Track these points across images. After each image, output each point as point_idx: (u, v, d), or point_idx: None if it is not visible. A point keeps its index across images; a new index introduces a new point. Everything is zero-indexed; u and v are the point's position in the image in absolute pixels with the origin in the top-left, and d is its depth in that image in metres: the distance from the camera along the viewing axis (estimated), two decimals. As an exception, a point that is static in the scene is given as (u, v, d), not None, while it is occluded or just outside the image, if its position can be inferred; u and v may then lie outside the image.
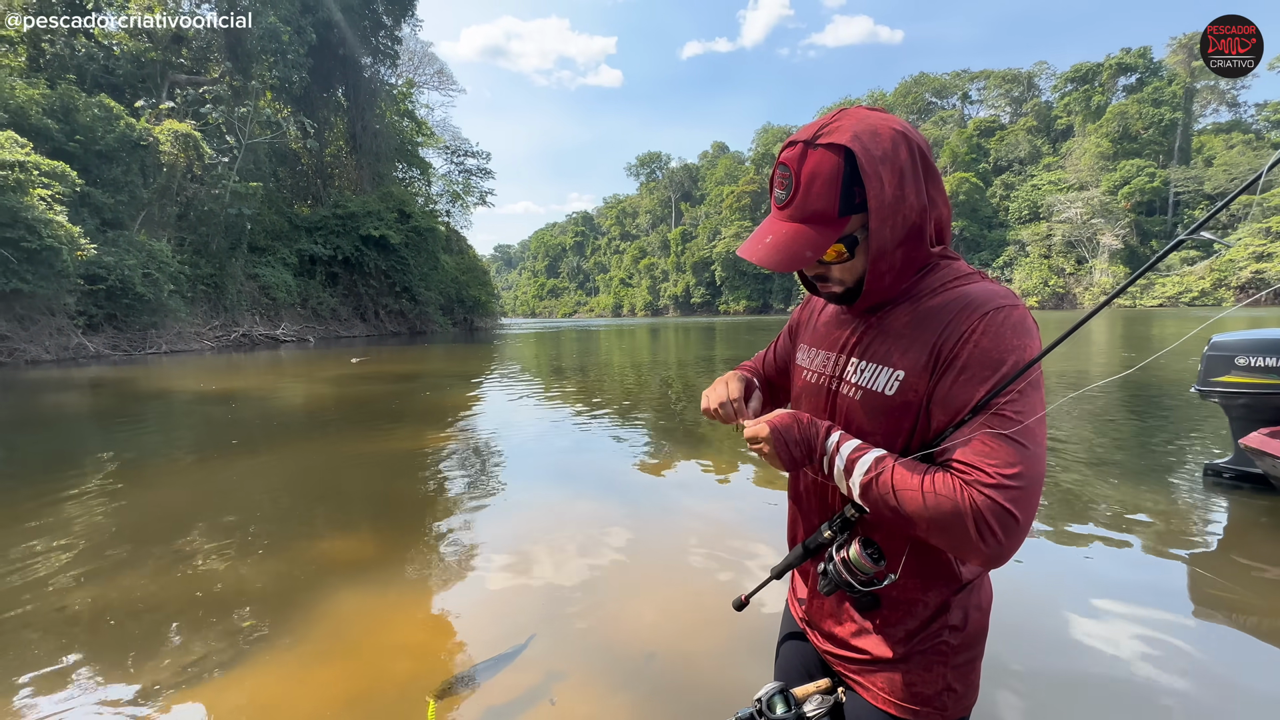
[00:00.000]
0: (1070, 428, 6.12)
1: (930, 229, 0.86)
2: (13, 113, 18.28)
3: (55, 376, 13.35)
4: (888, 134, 0.82)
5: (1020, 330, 0.78)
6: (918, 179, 0.83)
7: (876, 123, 0.83)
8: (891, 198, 0.81)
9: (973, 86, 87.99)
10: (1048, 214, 66.68)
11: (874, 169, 0.80)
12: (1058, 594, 2.74)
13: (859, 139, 0.80)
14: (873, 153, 0.80)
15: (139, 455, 5.84)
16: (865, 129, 0.81)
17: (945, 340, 0.80)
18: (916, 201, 0.83)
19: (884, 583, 0.86)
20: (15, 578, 3.06)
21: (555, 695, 2.06)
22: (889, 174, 0.81)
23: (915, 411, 0.83)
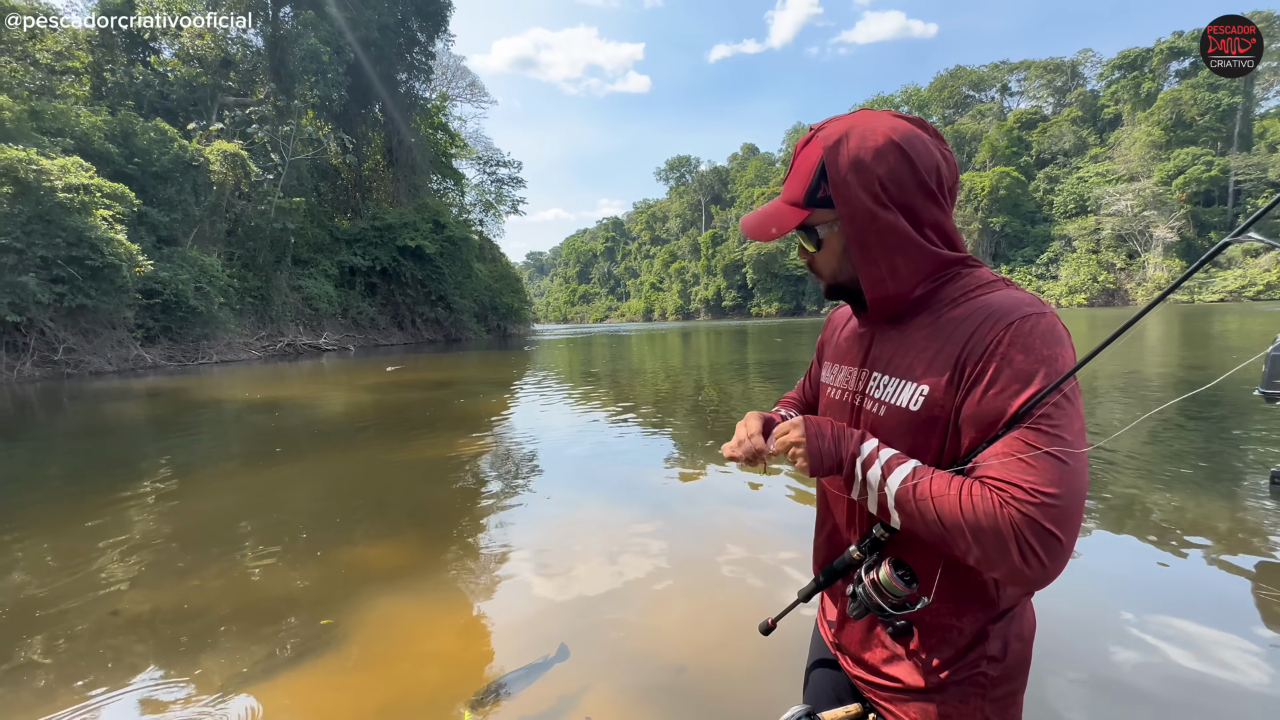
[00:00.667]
0: (1120, 428, 5.83)
1: (930, 236, 0.84)
2: (78, 139, 19.44)
3: (116, 386, 14.10)
4: (877, 143, 0.81)
5: (1050, 339, 0.75)
6: (904, 189, 0.81)
7: (879, 129, 0.82)
8: (863, 204, 0.82)
9: (1012, 78, 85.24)
10: (1095, 207, 63.87)
11: (839, 174, 0.82)
12: (1111, 611, 2.60)
13: (841, 143, 0.83)
14: (842, 158, 0.82)
15: (191, 461, 6.11)
16: (860, 133, 0.82)
17: (970, 353, 0.77)
18: (894, 213, 0.82)
19: (916, 606, 0.83)
20: (75, 579, 3.23)
21: (590, 713, 2.05)
22: (859, 180, 0.81)
23: (943, 428, 0.81)
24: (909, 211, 0.82)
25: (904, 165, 0.81)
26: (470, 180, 50.97)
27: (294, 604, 2.90)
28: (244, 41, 29.17)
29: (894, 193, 0.81)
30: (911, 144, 0.81)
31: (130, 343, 19.33)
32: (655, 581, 3.03)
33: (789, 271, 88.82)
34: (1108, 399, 7.56)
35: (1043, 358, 0.73)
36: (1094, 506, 3.81)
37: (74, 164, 17.06)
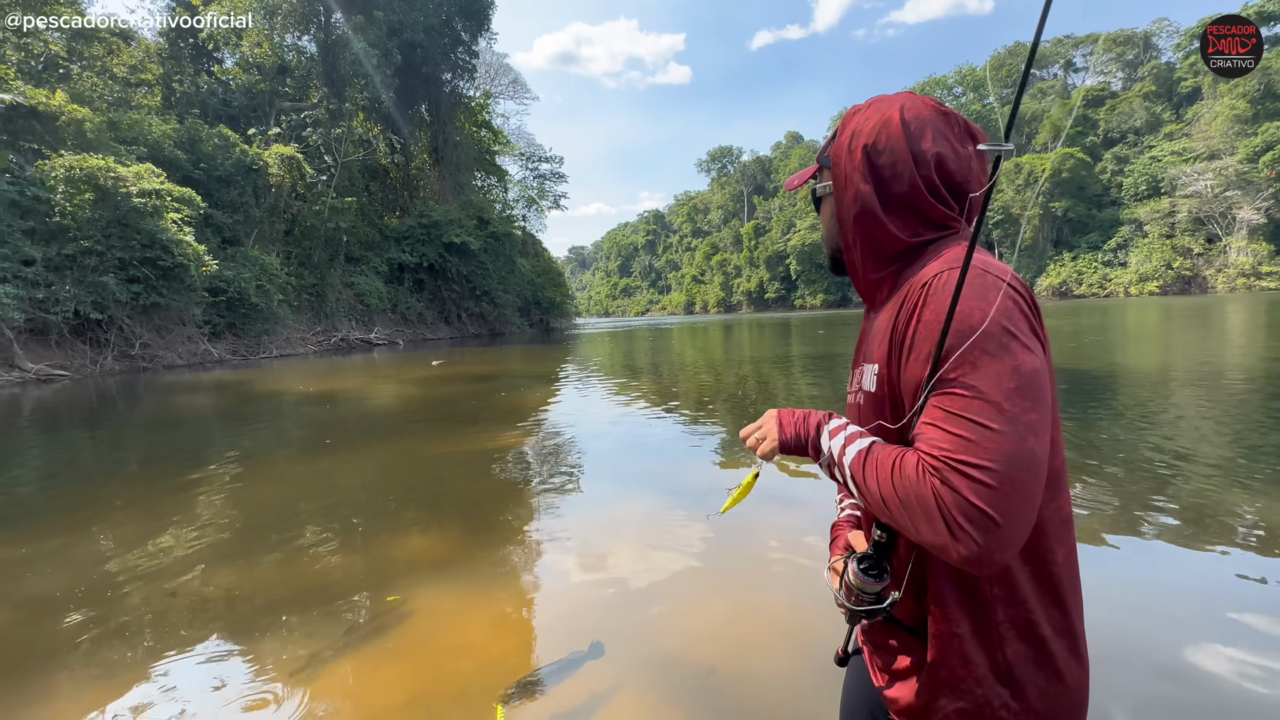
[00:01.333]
0: (1193, 428, 5.40)
1: (896, 221, 0.81)
2: (150, 146, 20.71)
3: (187, 379, 15.00)
4: (883, 114, 0.82)
5: (971, 295, 0.69)
6: (889, 166, 0.81)
7: (896, 103, 0.83)
8: (844, 168, 0.85)
9: (1077, 53, 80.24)
10: (1170, 188, 59.52)
11: (842, 135, 0.86)
12: (1185, 624, 2.40)
13: (861, 109, 0.86)
14: (851, 120, 0.85)
15: (253, 451, 6.42)
16: (881, 105, 0.85)
17: (898, 321, 0.76)
18: (869, 187, 0.82)
19: (887, 603, 0.77)
20: (142, 560, 3.42)
21: (619, 713, 2.03)
22: (852, 144, 0.84)
23: (894, 404, 0.78)
24: (882, 188, 0.81)
25: (899, 141, 0.80)
26: (513, 176, 51.79)
27: (339, 590, 2.99)
28: (299, 48, 30.39)
29: (877, 166, 0.82)
30: (918, 125, 0.80)
31: (198, 338, 20.52)
32: (692, 579, 2.98)
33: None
34: (1180, 392, 7.03)
35: (945, 313, 0.68)
36: (1163, 507, 3.54)
37: (147, 170, 18.17)
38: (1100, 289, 62.11)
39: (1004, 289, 0.68)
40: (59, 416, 9.82)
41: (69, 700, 2.20)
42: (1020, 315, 0.68)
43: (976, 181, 0.81)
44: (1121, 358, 11.04)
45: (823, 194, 0.92)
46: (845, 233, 0.87)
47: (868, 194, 0.82)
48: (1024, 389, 0.65)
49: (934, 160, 0.79)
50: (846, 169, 0.84)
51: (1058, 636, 0.72)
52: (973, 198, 0.81)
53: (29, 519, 4.36)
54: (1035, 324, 0.70)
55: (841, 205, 0.86)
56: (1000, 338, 0.66)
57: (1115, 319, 23.34)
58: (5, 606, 2.97)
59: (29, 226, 16.36)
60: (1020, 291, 0.70)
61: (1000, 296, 0.67)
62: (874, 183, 0.82)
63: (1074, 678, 0.73)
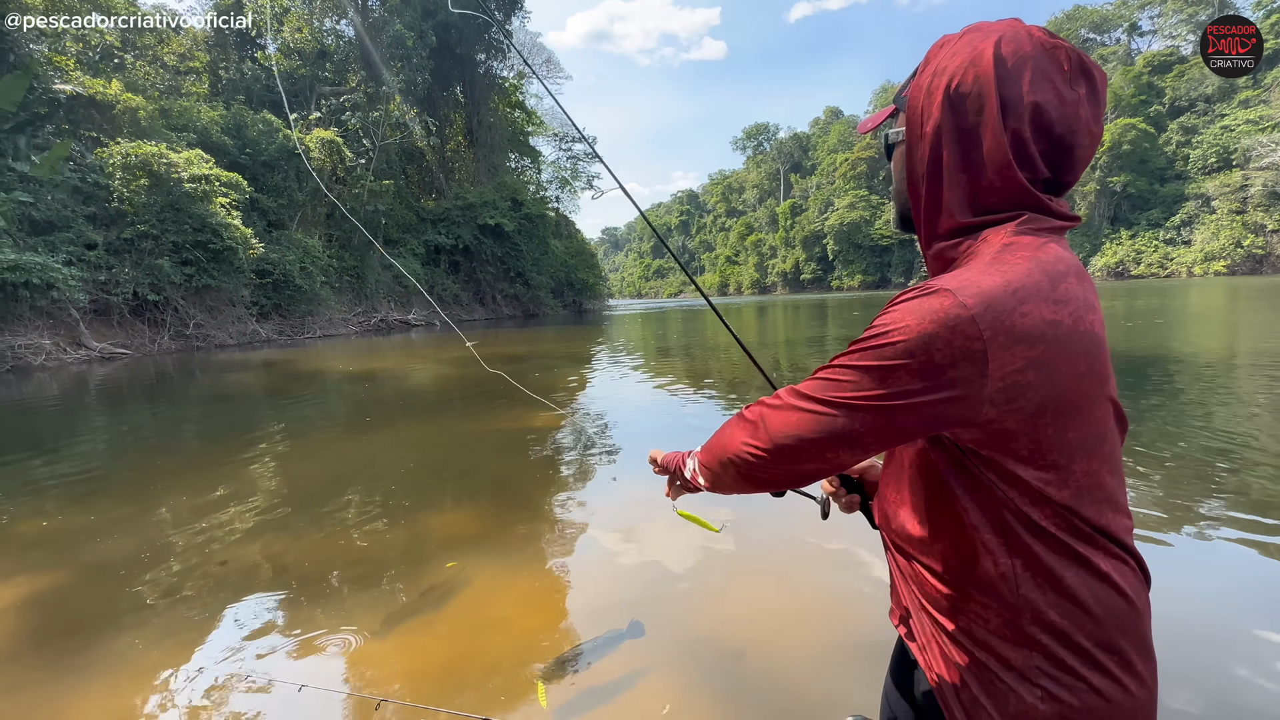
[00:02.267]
0: (1256, 415, 5.06)
1: (962, 188, 0.72)
2: (199, 133, 21.42)
3: (237, 359, 15.67)
4: (975, 47, 0.70)
5: (913, 310, 0.65)
6: (971, 111, 0.69)
7: (994, 34, 0.70)
8: (920, 108, 0.73)
9: (1143, 15, 74.91)
10: (1244, 160, 55.43)
11: (925, 72, 0.74)
12: (1238, 621, 2.27)
13: (951, 40, 0.74)
14: (937, 55, 0.73)
15: (299, 427, 6.67)
16: (975, 35, 0.72)
17: None
18: (937, 134, 0.72)
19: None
20: (199, 530, 3.61)
21: (654, 697, 2.04)
22: (934, 82, 0.72)
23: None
24: (963, 143, 0.70)
25: (988, 83, 0.68)
26: (546, 158, 51.74)
27: (379, 563, 3.09)
28: (337, 32, 30.81)
29: (959, 114, 0.70)
30: (1016, 62, 0.68)
31: (247, 319, 21.35)
32: (724, 561, 2.97)
33: (874, 242, 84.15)
34: (1248, 378, 6.60)
35: (880, 321, 0.68)
36: (1218, 502, 3.34)
37: (196, 156, 18.82)
38: (1160, 269, 58.75)
39: (952, 323, 0.62)
40: (122, 392, 10.40)
41: (132, 660, 2.34)
42: (941, 348, 0.63)
43: (1086, 134, 0.70)
44: (1180, 342, 10.43)
45: (895, 141, 0.81)
46: (916, 188, 0.77)
47: (943, 148, 0.72)
48: (877, 396, 0.67)
49: (1030, 110, 0.68)
50: (923, 114, 0.73)
51: (1097, 649, 0.68)
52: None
53: (98, 489, 4.64)
54: (957, 361, 0.63)
55: (912, 157, 0.76)
56: (894, 359, 0.65)
57: (1176, 300, 22.06)
58: (75, 569, 3.18)
59: (90, 212, 17.21)
60: (980, 333, 0.62)
61: (948, 329, 0.62)
62: (954, 135, 0.71)
63: (1114, 693, 0.68)
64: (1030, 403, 0.64)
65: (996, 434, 0.66)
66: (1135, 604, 0.70)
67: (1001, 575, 0.69)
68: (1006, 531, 0.69)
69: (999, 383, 0.63)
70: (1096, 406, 0.69)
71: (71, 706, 2.07)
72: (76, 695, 2.12)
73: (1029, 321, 0.63)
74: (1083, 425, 0.67)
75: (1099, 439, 0.70)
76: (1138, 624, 0.70)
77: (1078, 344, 0.65)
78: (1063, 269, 0.67)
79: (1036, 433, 0.66)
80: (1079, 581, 0.68)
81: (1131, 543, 0.73)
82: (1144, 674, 0.69)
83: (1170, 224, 59.45)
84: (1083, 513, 0.69)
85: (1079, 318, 0.66)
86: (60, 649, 2.43)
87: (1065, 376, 0.65)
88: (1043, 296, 0.64)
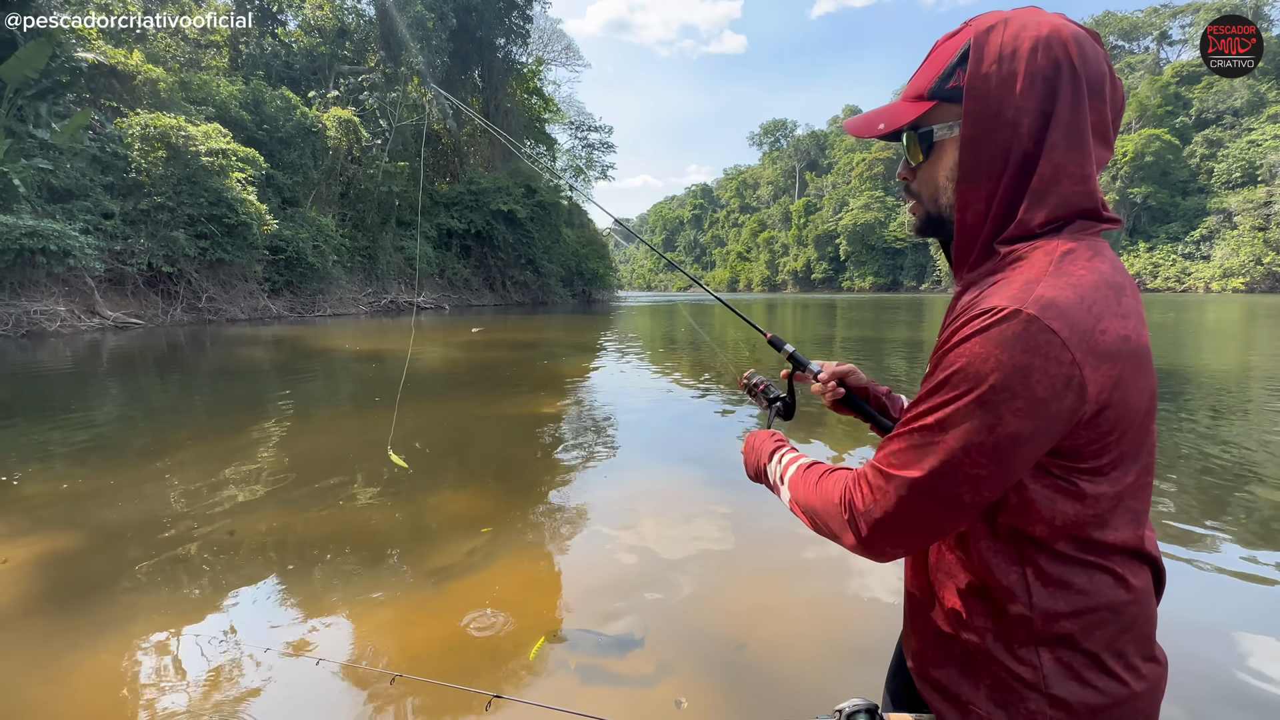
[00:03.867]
0: (1263, 433, 5.01)
1: (1049, 170, 0.66)
2: (218, 107, 21.47)
3: (248, 333, 15.78)
4: (1041, 32, 0.65)
5: (995, 341, 0.60)
6: (1052, 97, 0.64)
7: (1045, 20, 0.67)
8: (997, 100, 0.66)
9: (1174, 24, 73.82)
10: (1270, 176, 54.58)
11: (986, 59, 0.66)
12: (1245, 635, 2.25)
13: (998, 27, 0.67)
14: (994, 40, 0.67)
15: (307, 403, 6.72)
16: (1023, 21, 0.67)
17: (938, 348, 0.68)
18: (1026, 122, 0.65)
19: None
20: (206, 499, 3.65)
21: (683, 699, 2.05)
22: (1006, 70, 0.66)
23: None
24: (1050, 128, 0.65)
25: (1068, 61, 0.64)
26: (561, 145, 51.58)
27: (380, 541, 3.11)
28: (358, 11, 30.74)
29: (1046, 97, 0.65)
30: (1083, 45, 0.65)
31: (259, 294, 21.48)
32: (727, 553, 2.97)
33: (887, 244, 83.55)
34: (1261, 397, 6.52)
35: (970, 355, 0.61)
36: (1232, 514, 3.31)
37: (214, 130, 18.88)
38: (1177, 283, 58.07)
39: (1044, 349, 0.59)
40: (134, 362, 10.50)
41: (141, 623, 2.37)
42: (1040, 379, 0.59)
43: (1121, 115, 0.68)
44: (1193, 357, 10.31)
45: (942, 138, 0.73)
46: (976, 187, 0.70)
47: (1026, 141, 0.66)
48: (986, 447, 0.61)
49: (1106, 83, 0.65)
50: (999, 100, 0.66)
51: (1105, 653, 0.69)
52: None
53: (110, 456, 4.70)
54: (1060, 393, 0.60)
55: (979, 152, 0.68)
56: (995, 396, 0.60)
57: (1191, 315, 21.78)
58: (86, 532, 3.22)
59: (108, 181, 17.32)
60: (1073, 357, 0.59)
61: (1041, 358, 0.59)
62: (1036, 125, 0.66)
63: (1118, 693, 0.69)
64: (1108, 421, 0.63)
65: (1068, 450, 0.65)
66: (1143, 607, 0.71)
67: (1014, 584, 0.69)
68: (1019, 542, 0.69)
69: (1094, 406, 0.62)
70: (1150, 419, 0.69)
71: (80, 665, 2.10)
72: (85, 654, 2.16)
73: (1108, 339, 0.61)
74: (1138, 438, 0.67)
75: (1149, 450, 0.70)
76: (1145, 626, 0.71)
77: (1142, 359, 0.65)
78: (1120, 280, 0.66)
79: (1104, 449, 0.65)
80: (1091, 587, 0.68)
81: (1151, 546, 0.72)
82: (1148, 674, 0.70)
83: (1190, 238, 58.68)
84: (1116, 525, 0.68)
85: (1139, 332, 0.65)
86: (70, 610, 2.47)
87: (1135, 392, 0.64)
88: (1113, 311, 0.62)
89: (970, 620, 0.73)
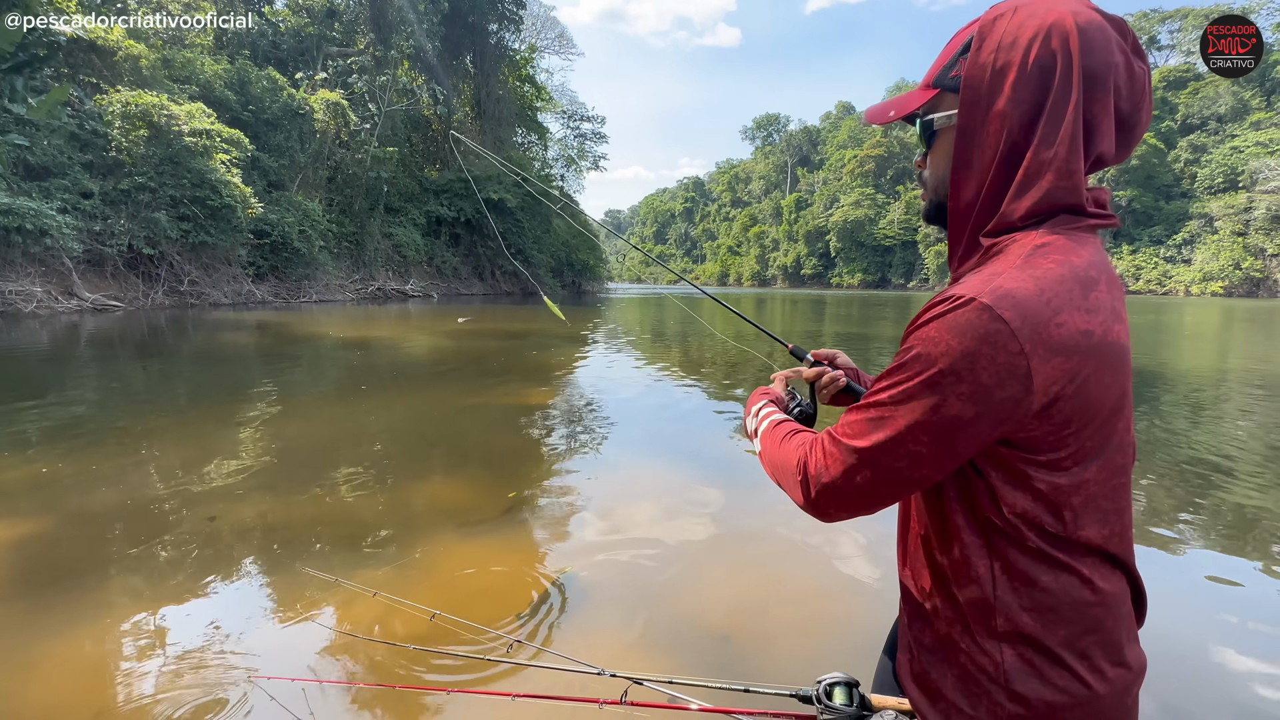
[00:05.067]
0: (1247, 436, 5.12)
1: (1037, 160, 0.66)
2: (202, 86, 21.00)
3: (231, 318, 15.54)
4: (1045, 20, 0.65)
5: (948, 327, 0.63)
6: (1038, 92, 0.65)
7: (1056, 8, 0.66)
8: (988, 89, 0.68)
9: (1163, 29, 74.47)
10: (1250, 182, 55.53)
11: (986, 48, 0.68)
12: (1226, 636, 2.31)
13: (1005, 16, 0.68)
14: (998, 30, 0.68)
15: (292, 390, 6.63)
16: (1033, 9, 0.67)
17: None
18: (1015, 113, 0.67)
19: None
20: (186, 486, 3.59)
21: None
22: (1003, 59, 0.67)
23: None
24: (1041, 118, 0.66)
25: (1069, 51, 0.64)
26: (554, 135, 51.18)
27: (362, 529, 3.09)
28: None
29: (1039, 88, 0.65)
30: (1099, 35, 0.64)
31: (243, 279, 21.15)
32: (711, 546, 2.98)
33: (876, 242, 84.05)
34: (1248, 401, 6.67)
35: (923, 339, 0.65)
36: (1204, 515, 3.39)
37: (198, 110, 18.47)
38: (1159, 285, 59.07)
39: (993, 334, 0.61)
40: (114, 345, 10.30)
41: (119, 608, 2.33)
42: (986, 366, 0.61)
43: (1148, 111, 0.67)
44: (1172, 356, 10.51)
45: (942, 126, 0.75)
46: (967, 176, 0.71)
47: (1015, 133, 0.67)
48: (930, 426, 0.65)
49: (1111, 76, 0.65)
50: (990, 91, 0.67)
51: (1066, 652, 0.69)
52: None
53: (88, 440, 4.61)
54: (1004, 381, 0.61)
55: (970, 142, 0.70)
56: (938, 378, 0.63)
57: (1171, 317, 22.18)
58: (62, 518, 3.16)
59: (87, 160, 16.90)
60: (1021, 348, 0.61)
61: (988, 343, 0.61)
62: (1031, 113, 0.66)
63: (1079, 693, 0.69)
64: (1061, 414, 0.64)
65: (1023, 441, 0.66)
66: (1111, 610, 0.71)
67: (982, 575, 0.70)
68: (989, 534, 0.70)
69: (1042, 398, 0.62)
70: (1118, 417, 0.68)
71: (56, 650, 2.06)
72: (61, 641, 2.12)
73: (1064, 333, 0.62)
74: (1102, 434, 0.67)
75: (1117, 448, 0.69)
76: (1112, 630, 0.71)
77: (1107, 355, 0.65)
78: (1094, 275, 0.66)
79: (1060, 442, 0.65)
80: (1055, 585, 0.68)
81: (1124, 551, 0.72)
82: (1113, 678, 0.70)
83: (1172, 242, 59.68)
84: (1083, 523, 0.68)
85: (1108, 328, 0.65)
86: (46, 595, 2.42)
87: (1094, 388, 0.64)
88: (1075, 305, 0.63)
89: (942, 609, 0.74)
